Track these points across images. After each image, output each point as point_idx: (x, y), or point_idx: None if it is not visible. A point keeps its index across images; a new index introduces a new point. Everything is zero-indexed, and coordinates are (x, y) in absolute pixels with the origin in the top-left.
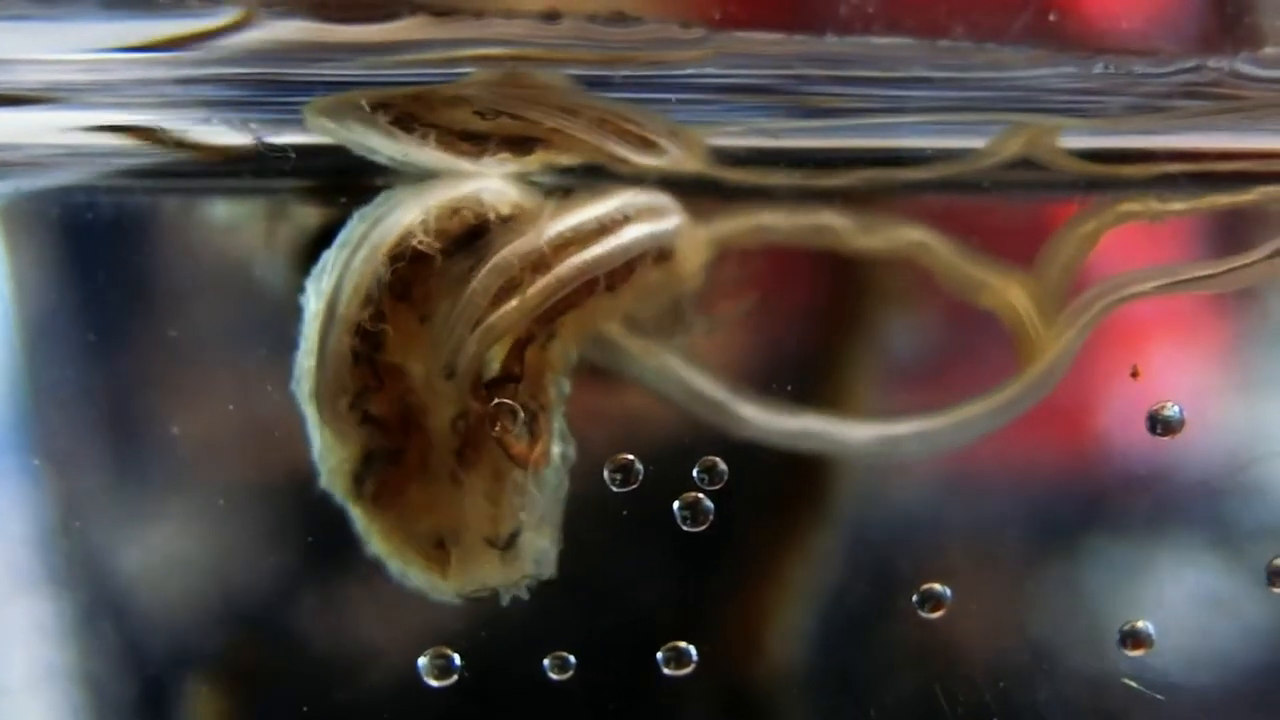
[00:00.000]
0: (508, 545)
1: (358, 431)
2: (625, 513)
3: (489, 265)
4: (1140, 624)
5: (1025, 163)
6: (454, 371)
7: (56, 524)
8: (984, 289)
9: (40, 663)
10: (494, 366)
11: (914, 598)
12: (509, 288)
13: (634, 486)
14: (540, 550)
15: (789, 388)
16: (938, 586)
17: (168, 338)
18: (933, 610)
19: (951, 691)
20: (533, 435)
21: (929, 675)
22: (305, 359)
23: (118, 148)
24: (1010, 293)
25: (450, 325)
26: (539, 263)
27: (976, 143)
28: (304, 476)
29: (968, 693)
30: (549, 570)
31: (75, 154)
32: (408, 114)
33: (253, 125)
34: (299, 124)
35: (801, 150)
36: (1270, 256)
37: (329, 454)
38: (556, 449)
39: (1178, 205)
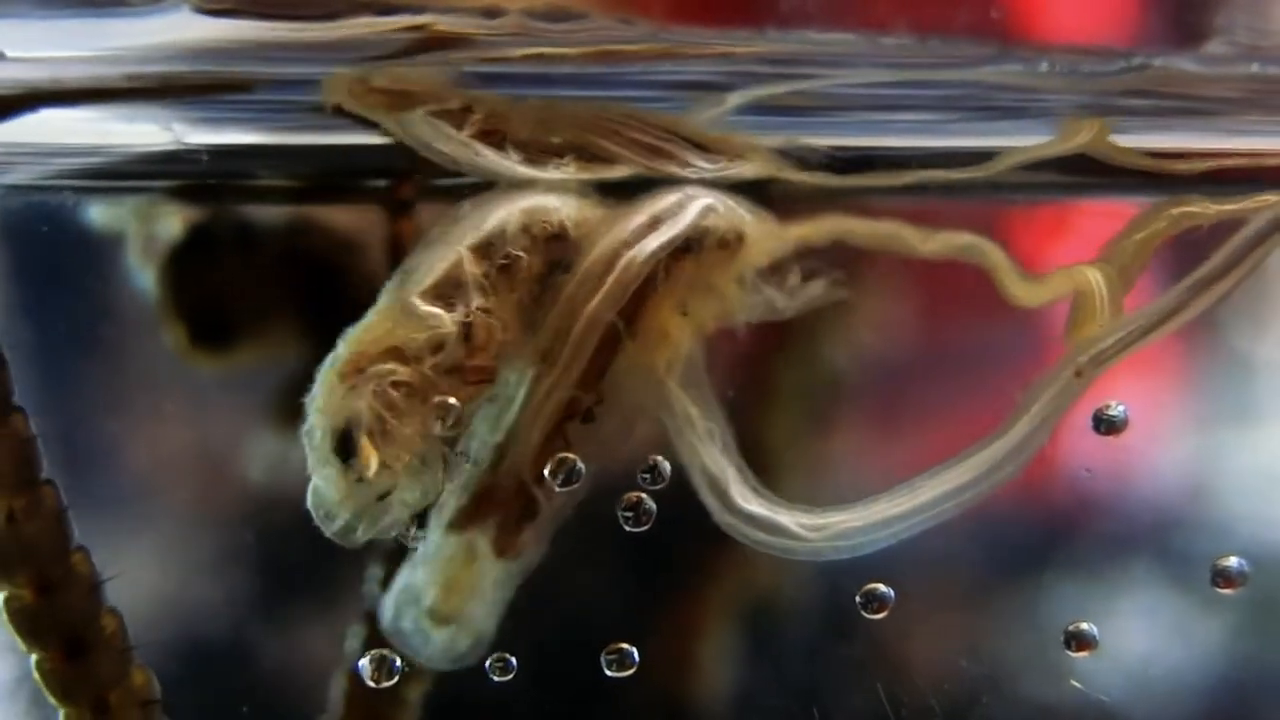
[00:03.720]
0: (442, 626)
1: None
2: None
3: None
4: (1084, 625)
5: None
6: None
7: None
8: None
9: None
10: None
11: (857, 598)
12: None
13: (576, 486)
14: (480, 634)
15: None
16: (881, 587)
17: (122, 349)
18: (876, 611)
19: (896, 699)
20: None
21: (873, 686)
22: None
23: (67, 147)
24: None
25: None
26: (610, 265)
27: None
28: (257, 496)
29: (912, 698)
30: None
31: (23, 153)
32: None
33: (173, 126)
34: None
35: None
36: (1228, 267)
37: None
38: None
39: (1231, 206)
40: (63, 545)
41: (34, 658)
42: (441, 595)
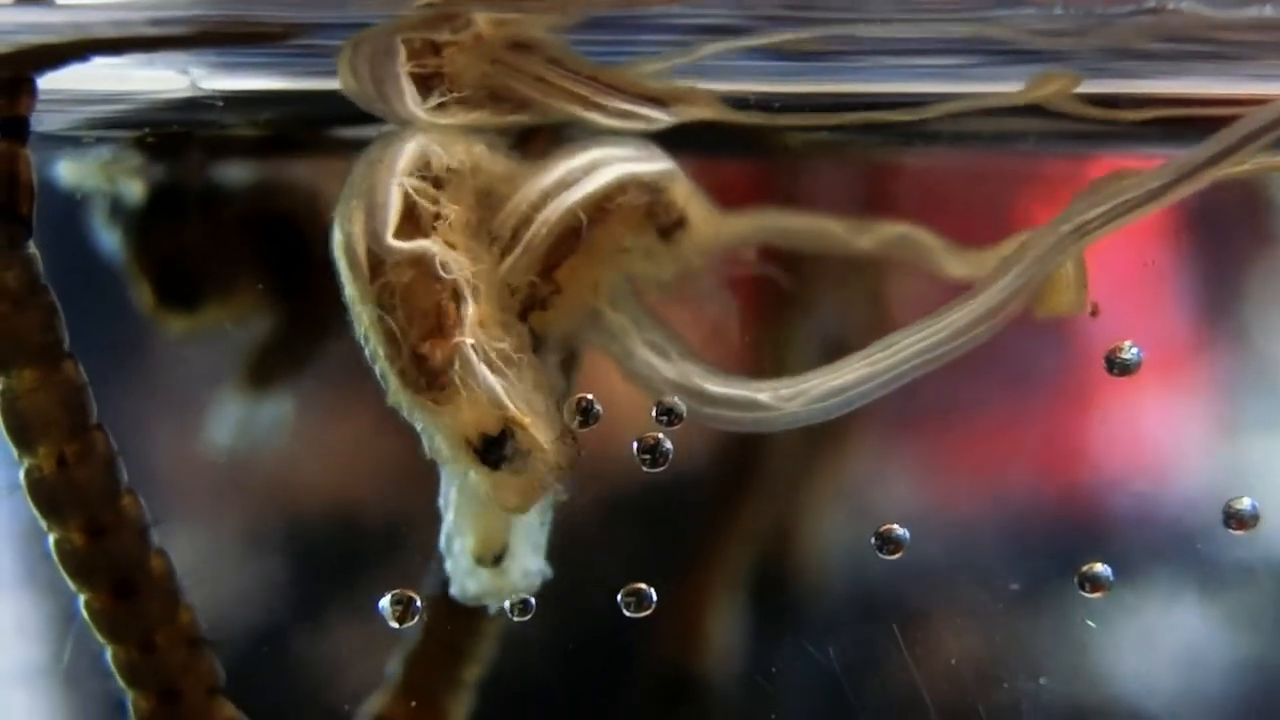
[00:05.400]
0: (495, 565)
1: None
2: (583, 453)
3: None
4: (1099, 566)
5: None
6: None
7: (35, 521)
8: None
9: (19, 661)
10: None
11: (872, 540)
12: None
13: (595, 427)
14: (529, 570)
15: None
16: (897, 529)
17: (144, 322)
18: (892, 552)
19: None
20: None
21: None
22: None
23: (93, 94)
24: None
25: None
26: (529, 215)
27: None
28: (283, 482)
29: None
30: (533, 587)
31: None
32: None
33: (190, 70)
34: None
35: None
36: (1215, 157)
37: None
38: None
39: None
40: (113, 489)
41: (82, 597)
42: (480, 538)
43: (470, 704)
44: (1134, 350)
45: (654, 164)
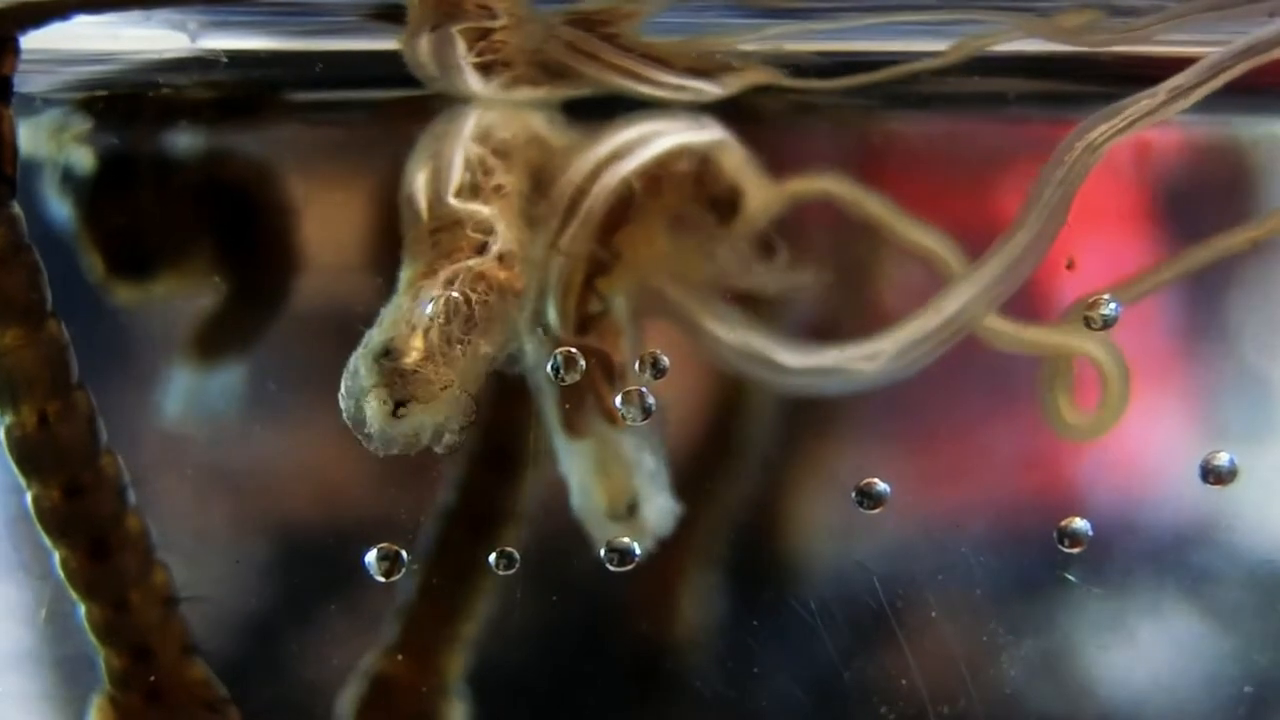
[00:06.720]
0: (630, 515)
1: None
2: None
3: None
4: (1077, 521)
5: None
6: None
7: (18, 508)
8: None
9: (9, 646)
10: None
11: (853, 495)
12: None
13: (577, 379)
14: (662, 509)
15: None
16: (878, 483)
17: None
18: (872, 507)
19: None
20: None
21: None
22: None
23: (80, 54)
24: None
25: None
26: (586, 185)
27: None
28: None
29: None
30: (669, 525)
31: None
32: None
33: (190, 26)
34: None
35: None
36: (1212, 73)
37: None
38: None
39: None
40: (93, 449)
41: (58, 555)
42: (609, 495)
43: (467, 661)
44: (1113, 305)
45: (704, 134)
